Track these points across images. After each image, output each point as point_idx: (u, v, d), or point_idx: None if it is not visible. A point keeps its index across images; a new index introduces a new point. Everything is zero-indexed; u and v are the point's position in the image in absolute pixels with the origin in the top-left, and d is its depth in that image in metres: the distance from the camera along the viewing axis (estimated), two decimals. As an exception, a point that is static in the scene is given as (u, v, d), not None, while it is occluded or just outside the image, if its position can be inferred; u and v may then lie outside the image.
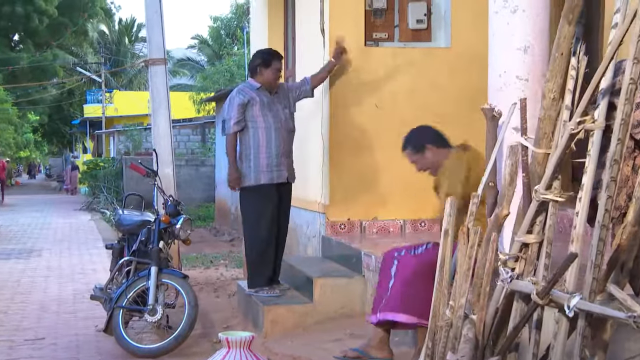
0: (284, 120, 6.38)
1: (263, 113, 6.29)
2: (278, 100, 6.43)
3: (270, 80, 6.33)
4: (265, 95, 6.35)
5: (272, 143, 6.32)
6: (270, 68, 6.31)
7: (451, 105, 7.12)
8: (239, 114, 6.30)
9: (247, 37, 24.75)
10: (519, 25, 4.21)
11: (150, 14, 10.48)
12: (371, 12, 7.23)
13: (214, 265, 11.95)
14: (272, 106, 6.35)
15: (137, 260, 6.39)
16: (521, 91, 4.21)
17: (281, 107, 6.40)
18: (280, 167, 6.37)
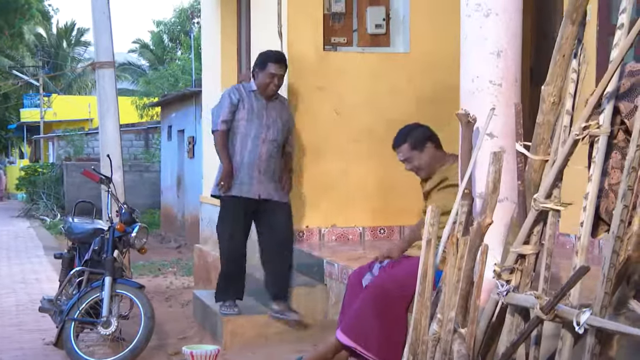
0: (269, 132, 5.86)
1: (248, 118, 5.84)
2: (273, 110, 5.93)
3: (264, 84, 5.85)
4: (258, 100, 5.90)
5: (246, 153, 5.84)
6: (264, 71, 5.85)
7: (410, 111, 7.01)
8: (227, 112, 5.86)
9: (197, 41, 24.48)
10: (492, 29, 4.12)
11: (97, 15, 10.18)
12: (329, 16, 7.12)
13: (162, 274, 11.69)
14: (262, 113, 5.87)
15: (89, 270, 6.15)
16: (494, 96, 4.13)
17: (273, 118, 5.90)
18: (252, 182, 5.84)
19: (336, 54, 7.11)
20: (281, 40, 7.03)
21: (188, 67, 25.02)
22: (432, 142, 4.84)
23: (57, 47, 40.17)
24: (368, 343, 4.58)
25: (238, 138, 5.88)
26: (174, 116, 16.89)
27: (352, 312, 4.68)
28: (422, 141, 4.84)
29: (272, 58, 5.87)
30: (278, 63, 5.85)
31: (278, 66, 5.85)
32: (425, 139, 4.84)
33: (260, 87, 5.89)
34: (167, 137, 17.84)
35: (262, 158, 5.85)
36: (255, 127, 5.83)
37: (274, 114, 5.92)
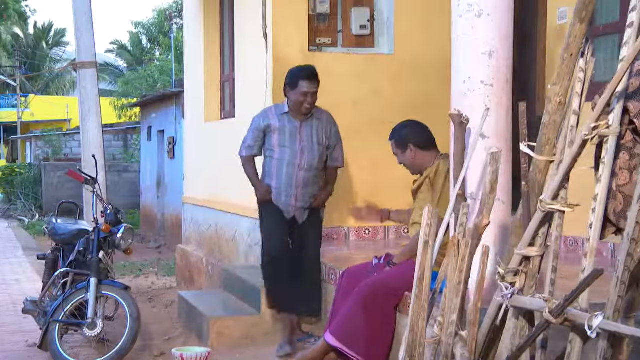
0: (304, 158, 5.49)
1: (280, 144, 5.50)
2: (308, 131, 5.51)
3: (297, 103, 5.40)
4: (291, 122, 5.49)
5: (282, 180, 5.55)
6: (296, 90, 5.40)
7: (394, 112, 7.02)
8: (253, 138, 5.60)
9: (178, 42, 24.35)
10: (483, 30, 4.13)
11: (79, 16, 10.12)
12: (314, 17, 7.12)
13: (143, 274, 11.63)
14: (295, 137, 5.49)
15: (74, 271, 6.09)
16: (486, 97, 4.14)
17: (308, 141, 5.50)
18: (288, 209, 5.59)
19: (321, 54, 7.11)
20: (266, 41, 7.02)
21: (167, 67, 24.92)
22: (416, 145, 4.84)
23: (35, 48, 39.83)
24: (355, 344, 4.59)
25: (273, 164, 5.60)
26: (154, 117, 16.80)
27: (342, 314, 4.68)
28: (404, 143, 4.88)
29: (303, 75, 5.41)
30: (310, 80, 5.41)
31: (310, 83, 5.41)
32: (407, 142, 4.86)
33: (293, 107, 5.48)
34: (147, 138, 17.75)
35: (299, 186, 5.55)
36: (288, 153, 5.51)
37: (310, 135, 5.52)
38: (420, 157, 4.84)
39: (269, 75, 6.97)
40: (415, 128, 4.97)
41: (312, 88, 5.44)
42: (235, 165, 7.96)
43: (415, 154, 4.89)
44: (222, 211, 8.36)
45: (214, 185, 8.76)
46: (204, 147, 9.21)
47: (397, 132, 4.96)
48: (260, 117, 5.65)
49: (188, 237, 9.88)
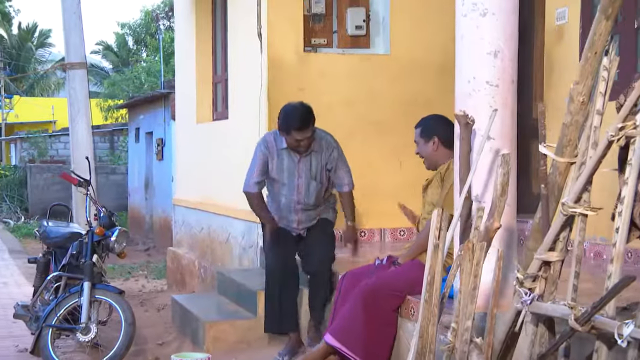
0: (302, 196, 5.40)
1: (278, 178, 5.39)
2: (309, 164, 5.36)
3: (292, 146, 5.29)
4: (290, 157, 5.36)
5: (282, 209, 5.48)
6: (289, 136, 5.25)
7: (390, 113, 7.01)
8: (259, 172, 5.39)
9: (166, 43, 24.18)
10: (489, 29, 4.06)
11: (68, 15, 10.02)
12: (309, 17, 7.04)
13: (132, 277, 11.52)
14: (294, 173, 5.37)
15: (67, 275, 5.99)
16: (491, 97, 4.07)
17: (306, 176, 5.35)
18: (292, 229, 5.52)
19: (316, 55, 7.03)
20: (261, 42, 6.93)
21: (154, 69, 24.75)
22: (441, 138, 4.76)
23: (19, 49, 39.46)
24: (354, 344, 4.52)
25: (273, 192, 5.52)
26: (142, 118, 16.67)
27: (341, 314, 4.61)
28: (430, 132, 4.80)
29: (294, 125, 5.18)
30: (301, 130, 5.19)
31: (302, 132, 5.20)
32: (434, 133, 4.78)
33: (289, 147, 5.34)
34: (134, 139, 17.60)
35: (299, 212, 5.47)
36: (286, 189, 5.41)
37: (308, 170, 5.36)
38: (440, 152, 4.78)
39: (264, 76, 6.88)
40: (445, 123, 4.87)
41: (305, 134, 5.23)
42: (228, 166, 7.91)
43: (437, 147, 4.82)
44: (214, 213, 8.26)
45: (206, 187, 8.67)
46: (196, 148, 9.11)
47: (425, 121, 4.91)
48: (261, 146, 5.45)
49: (179, 240, 9.77)
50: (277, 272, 5.36)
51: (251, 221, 7.20)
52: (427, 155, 4.86)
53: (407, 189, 6.58)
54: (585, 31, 5.82)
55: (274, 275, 5.37)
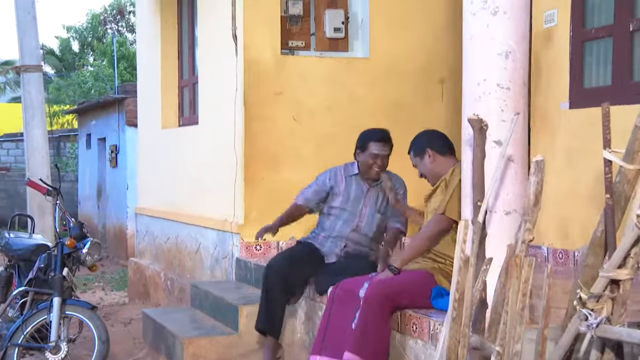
0: (364, 222, 5.21)
1: (342, 205, 5.23)
2: (376, 196, 5.21)
3: (366, 165, 5.12)
4: (359, 185, 5.21)
5: (333, 232, 5.27)
6: (365, 152, 5.10)
7: (370, 118, 6.73)
8: (313, 193, 5.33)
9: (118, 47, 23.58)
10: (499, 29, 3.86)
11: (22, 16, 9.59)
12: (286, 19, 6.77)
13: (88, 289, 11.05)
14: (360, 201, 5.21)
15: (35, 290, 5.61)
16: (502, 101, 3.86)
17: (372, 205, 5.20)
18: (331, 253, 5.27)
19: (294, 58, 6.77)
20: (236, 44, 6.64)
21: (102, 73, 24.15)
22: (434, 149, 4.57)
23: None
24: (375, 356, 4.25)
25: (330, 220, 5.32)
26: (94, 124, 16.15)
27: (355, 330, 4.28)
28: (422, 147, 4.62)
29: (374, 137, 5.12)
30: (381, 142, 5.10)
31: (382, 145, 5.09)
32: (425, 146, 4.60)
33: (362, 170, 5.18)
34: (85, 146, 17.05)
35: (349, 240, 5.25)
36: (347, 214, 5.24)
37: (374, 202, 5.22)
38: (439, 162, 4.56)
39: (239, 79, 6.59)
40: (431, 134, 4.72)
41: (384, 150, 5.13)
42: (198, 173, 7.58)
43: (433, 158, 4.60)
44: (183, 222, 7.92)
45: (172, 195, 8.31)
46: (161, 154, 8.75)
47: (414, 142, 4.71)
48: (327, 176, 5.36)
49: (142, 250, 9.38)
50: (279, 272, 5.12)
51: (225, 231, 6.90)
52: (427, 170, 4.66)
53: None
54: (576, 34, 5.69)
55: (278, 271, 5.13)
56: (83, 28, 30.00)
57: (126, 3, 29.33)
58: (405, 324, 4.33)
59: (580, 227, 5.48)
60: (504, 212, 3.86)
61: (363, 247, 5.31)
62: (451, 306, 3.09)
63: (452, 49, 6.95)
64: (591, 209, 5.40)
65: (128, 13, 29.47)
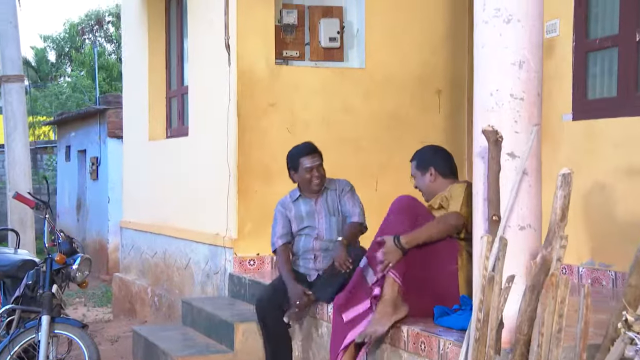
0: (323, 229, 5.18)
1: (300, 228, 5.22)
2: (325, 204, 5.22)
3: (305, 181, 5.15)
4: (306, 202, 5.23)
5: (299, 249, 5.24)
6: (299, 169, 5.15)
7: (365, 130, 6.65)
8: (283, 226, 5.25)
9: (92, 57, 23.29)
10: (513, 37, 3.73)
11: (4, 25, 9.38)
12: (281, 28, 6.62)
13: (70, 305, 10.75)
14: (314, 215, 5.21)
15: (22, 308, 5.39)
16: (516, 111, 3.73)
17: (326, 212, 5.20)
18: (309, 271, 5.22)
19: (288, 68, 6.62)
20: (229, 53, 6.48)
21: (80, 84, 23.85)
22: (438, 169, 4.48)
23: None
24: None
25: (295, 244, 5.27)
26: (74, 135, 15.88)
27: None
28: (426, 164, 4.52)
29: (301, 152, 5.18)
30: (310, 154, 5.15)
31: (311, 157, 5.15)
32: (430, 164, 4.50)
33: (303, 187, 5.21)
34: (65, 158, 16.75)
35: (317, 250, 5.18)
36: (308, 230, 5.20)
37: (326, 209, 5.21)
38: (438, 182, 4.49)
39: (232, 89, 6.43)
40: (439, 152, 4.63)
41: (315, 161, 5.15)
42: (189, 186, 7.39)
43: (435, 177, 4.51)
44: (171, 237, 7.71)
45: (160, 208, 8.11)
46: (148, 167, 8.54)
47: (420, 153, 4.61)
48: (278, 207, 5.34)
49: (127, 265, 9.15)
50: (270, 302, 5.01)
51: (216, 245, 6.72)
52: (425, 187, 4.57)
53: (383, 208, 6.20)
54: (579, 45, 5.59)
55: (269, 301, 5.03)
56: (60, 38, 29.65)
57: (105, 13, 29.07)
58: (413, 342, 4.17)
59: (583, 241, 5.36)
60: (518, 227, 3.72)
61: (331, 251, 5.16)
62: (473, 326, 2.95)
63: (449, 60, 6.85)
64: (596, 222, 5.30)
65: (107, 23, 29.20)
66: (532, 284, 2.98)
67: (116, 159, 13.74)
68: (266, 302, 5.04)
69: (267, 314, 5.00)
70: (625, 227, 5.15)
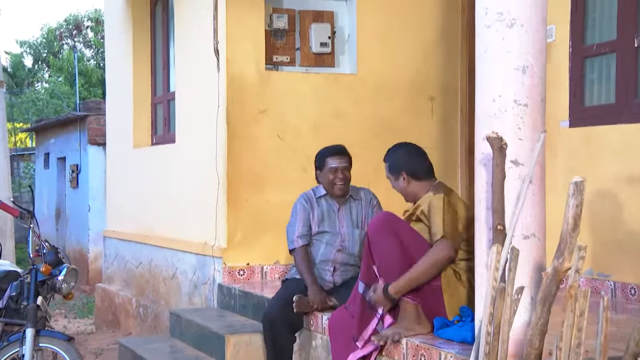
0: (345, 242, 5.04)
1: (320, 229, 5.05)
2: (349, 213, 5.08)
3: (329, 182, 5.02)
4: (329, 204, 5.09)
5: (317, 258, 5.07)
6: (324, 169, 5.02)
7: (358, 136, 6.51)
8: (304, 225, 5.06)
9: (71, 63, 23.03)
10: (516, 42, 3.63)
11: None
12: (271, 33, 6.49)
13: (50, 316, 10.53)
14: (335, 220, 5.07)
15: (5, 321, 5.20)
16: (520, 118, 3.63)
17: (349, 223, 5.06)
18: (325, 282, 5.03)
19: (279, 73, 6.49)
20: (218, 59, 6.34)
21: (58, 90, 23.57)
22: (408, 174, 4.32)
23: None
24: None
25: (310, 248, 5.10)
26: (53, 143, 15.64)
27: None
28: (396, 168, 4.37)
29: (329, 152, 5.07)
30: (337, 155, 5.05)
31: (338, 158, 5.03)
32: (400, 168, 4.34)
33: (327, 189, 5.07)
34: (43, 165, 16.50)
35: (337, 263, 5.04)
36: (328, 237, 5.05)
37: (349, 219, 5.07)
38: (413, 186, 4.33)
39: (222, 95, 6.29)
40: (410, 154, 4.41)
41: (342, 163, 5.04)
42: (175, 194, 7.24)
43: (407, 182, 4.35)
44: (157, 246, 7.55)
45: (146, 217, 7.94)
46: (133, 175, 8.37)
47: (390, 155, 4.44)
48: (302, 202, 5.15)
49: (110, 275, 8.96)
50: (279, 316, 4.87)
51: (205, 255, 6.57)
52: (400, 191, 4.44)
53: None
54: (576, 50, 5.51)
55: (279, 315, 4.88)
56: (38, 43, 29.31)
57: (84, 18, 28.77)
58: (413, 355, 4.06)
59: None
60: (522, 236, 3.62)
61: (351, 266, 5.08)
62: (483, 340, 2.83)
63: (442, 66, 6.76)
64: (594, 231, 5.22)
65: (85, 28, 28.91)
66: (544, 296, 2.88)
67: (97, 167, 13.53)
68: (276, 318, 4.85)
69: (278, 333, 4.83)
70: (624, 237, 5.08)
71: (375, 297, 4.12)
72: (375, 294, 4.13)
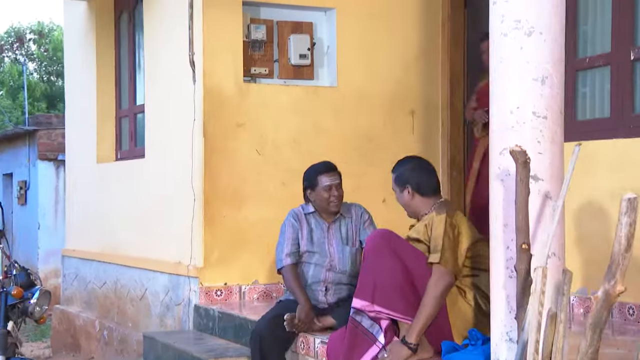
0: (335, 261, 4.87)
1: (308, 248, 4.89)
2: (339, 231, 4.94)
3: (323, 200, 4.84)
4: (318, 223, 4.93)
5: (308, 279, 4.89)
6: (317, 187, 4.84)
7: (338, 150, 6.31)
8: (292, 244, 4.89)
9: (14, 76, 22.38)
10: (535, 51, 3.47)
11: None
12: (249, 44, 6.26)
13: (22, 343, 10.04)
14: (324, 240, 4.92)
15: (-28, 348, 4.84)
16: (539, 131, 3.46)
17: (339, 241, 4.90)
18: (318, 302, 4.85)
19: (257, 86, 6.26)
20: (193, 71, 6.09)
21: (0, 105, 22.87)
22: (414, 189, 4.17)
23: None
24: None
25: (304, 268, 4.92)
26: (-2, 158, 15.10)
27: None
28: (402, 181, 4.22)
29: (320, 170, 4.90)
30: (330, 172, 4.88)
31: (331, 175, 4.86)
32: (406, 181, 4.19)
33: (320, 207, 4.89)
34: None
35: (329, 283, 4.88)
36: (317, 257, 4.89)
37: (339, 237, 4.92)
38: (417, 201, 4.18)
39: (198, 108, 6.03)
40: (418, 168, 4.26)
41: (335, 180, 4.87)
42: (144, 212, 6.93)
43: (412, 196, 4.20)
44: (124, 266, 7.21)
45: (111, 235, 7.59)
46: (96, 191, 8.01)
47: (398, 167, 4.29)
48: (289, 218, 4.97)
49: (69, 296, 8.56)
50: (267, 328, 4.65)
51: (179, 274, 6.27)
52: (404, 204, 4.29)
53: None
54: (567, 63, 5.39)
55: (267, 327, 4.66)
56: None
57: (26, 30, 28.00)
58: (420, 381, 3.86)
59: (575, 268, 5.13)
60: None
61: (344, 285, 4.90)
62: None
63: (423, 80, 6.62)
64: (589, 249, 5.10)
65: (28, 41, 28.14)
66: (594, 322, 2.68)
67: (47, 183, 13.06)
68: (266, 334, 4.62)
69: (267, 349, 4.60)
70: (620, 254, 4.96)
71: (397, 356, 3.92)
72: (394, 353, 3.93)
